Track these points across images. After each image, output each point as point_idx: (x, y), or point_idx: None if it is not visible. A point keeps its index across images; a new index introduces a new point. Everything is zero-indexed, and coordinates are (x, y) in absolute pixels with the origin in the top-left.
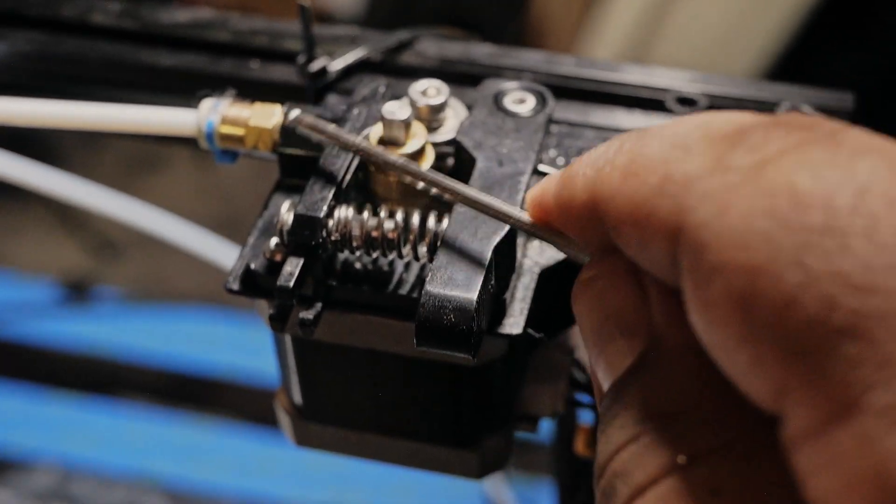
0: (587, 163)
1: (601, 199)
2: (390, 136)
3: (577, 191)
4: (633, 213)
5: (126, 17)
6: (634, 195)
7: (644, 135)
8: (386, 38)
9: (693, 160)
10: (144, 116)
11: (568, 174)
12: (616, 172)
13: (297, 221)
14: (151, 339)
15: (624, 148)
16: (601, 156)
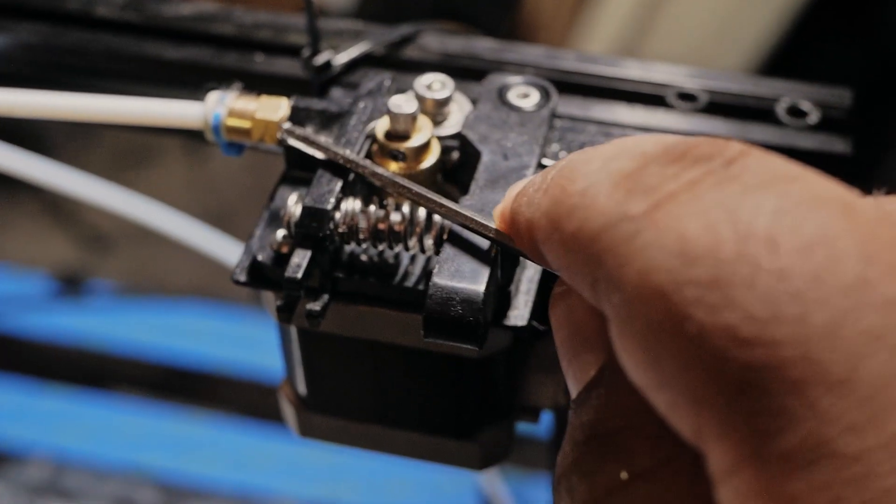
0: (525, 201)
1: (540, 235)
2: (396, 129)
3: (522, 228)
4: (564, 257)
5: (130, 10)
6: (561, 240)
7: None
8: (389, 32)
9: (600, 208)
10: (152, 108)
11: (514, 208)
12: (547, 212)
13: (304, 213)
14: (144, 333)
15: (547, 189)
16: (533, 194)
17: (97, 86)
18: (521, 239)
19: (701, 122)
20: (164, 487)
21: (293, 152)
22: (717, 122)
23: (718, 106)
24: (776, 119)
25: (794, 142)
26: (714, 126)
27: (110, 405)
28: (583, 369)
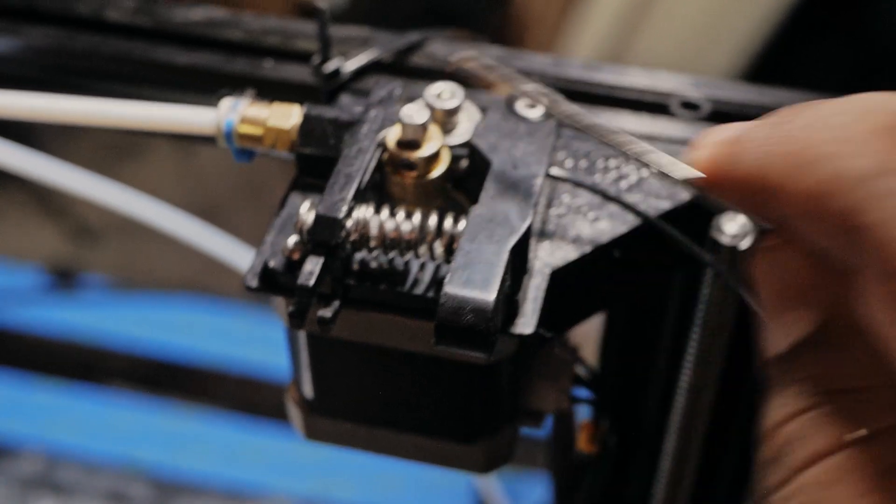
0: (755, 144)
1: (770, 185)
2: (408, 138)
3: (748, 171)
4: (805, 206)
5: (140, 14)
6: (806, 189)
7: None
8: (397, 39)
9: (862, 159)
10: (165, 114)
11: (736, 152)
12: (785, 162)
13: (317, 221)
14: (136, 327)
15: (790, 133)
16: (769, 139)
17: (108, 89)
18: (735, 188)
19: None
20: (156, 482)
21: (305, 159)
22: None
23: (721, 115)
24: None
25: None
26: None
27: (102, 399)
28: (795, 325)
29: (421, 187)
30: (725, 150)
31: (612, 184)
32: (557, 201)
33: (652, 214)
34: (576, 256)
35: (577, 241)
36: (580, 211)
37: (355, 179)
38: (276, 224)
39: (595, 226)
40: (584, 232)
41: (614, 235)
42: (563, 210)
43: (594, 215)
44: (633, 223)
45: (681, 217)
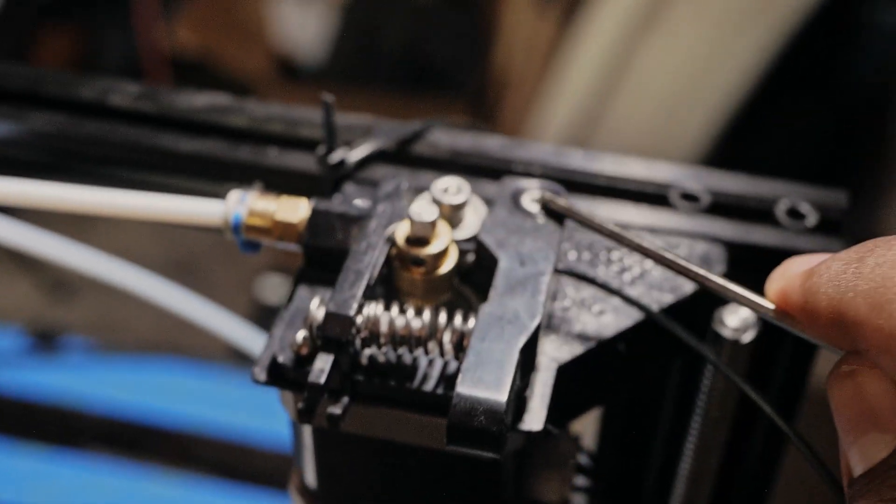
0: (828, 280)
1: (848, 324)
2: (417, 235)
3: (821, 306)
4: (883, 344)
5: (144, 100)
6: (884, 328)
7: (880, 259)
8: (399, 128)
9: None
10: (173, 206)
11: (809, 287)
12: (862, 301)
13: (328, 318)
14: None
15: (864, 273)
16: (842, 277)
17: (112, 176)
18: (815, 318)
19: (703, 222)
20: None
21: (313, 252)
22: (719, 223)
23: (720, 206)
24: (776, 220)
25: (794, 244)
26: (716, 227)
27: (82, 464)
28: (875, 447)
29: (429, 282)
30: (798, 283)
31: (615, 276)
32: (562, 294)
33: (655, 308)
34: (581, 352)
35: (583, 335)
36: (585, 304)
37: (365, 276)
38: (285, 317)
39: (600, 319)
40: (589, 326)
41: (618, 330)
42: (568, 303)
43: (599, 308)
44: (637, 317)
45: (684, 309)
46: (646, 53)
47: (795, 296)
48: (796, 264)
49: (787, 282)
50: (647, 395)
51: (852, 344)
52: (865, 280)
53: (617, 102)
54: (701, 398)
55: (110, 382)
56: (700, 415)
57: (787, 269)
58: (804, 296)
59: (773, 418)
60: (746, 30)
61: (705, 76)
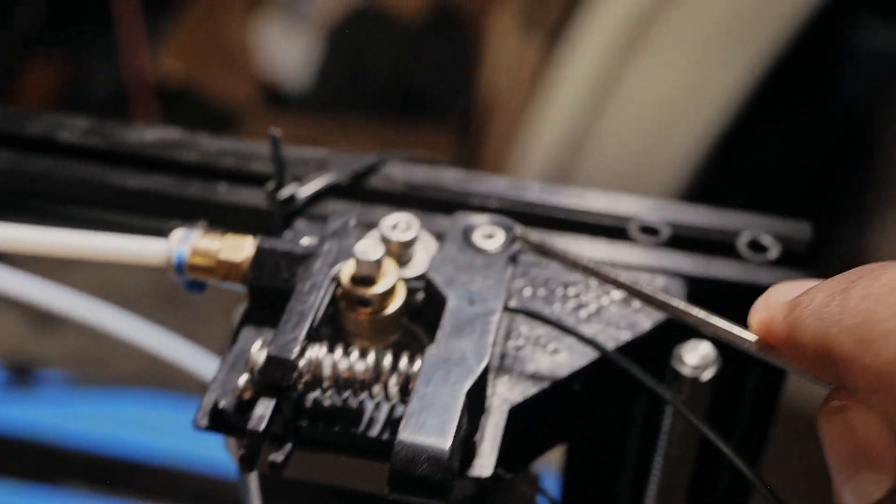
0: (812, 313)
1: (835, 360)
2: (362, 274)
3: (806, 341)
4: (872, 383)
5: (93, 135)
6: (872, 367)
7: (866, 292)
8: (353, 162)
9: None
10: (114, 245)
11: (793, 320)
12: (847, 337)
13: (268, 362)
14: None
15: (849, 306)
16: (826, 310)
17: (60, 213)
18: (800, 353)
19: (663, 256)
20: None
21: (258, 292)
22: (679, 256)
23: (680, 239)
24: (737, 253)
25: (755, 277)
26: (676, 261)
27: (61, 500)
28: (868, 487)
29: (376, 323)
30: (781, 314)
31: (571, 312)
32: (516, 333)
33: (612, 346)
34: (535, 392)
35: (536, 375)
36: (539, 342)
37: (308, 317)
38: (228, 360)
39: (554, 358)
40: (543, 365)
41: (574, 369)
42: (522, 342)
43: (553, 347)
44: (593, 356)
45: (642, 345)
46: (631, 77)
47: (779, 328)
48: (780, 293)
49: (770, 313)
50: (610, 434)
51: (840, 380)
52: (850, 314)
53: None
54: (662, 438)
55: (90, 416)
56: (662, 455)
57: (770, 299)
58: (788, 329)
59: (734, 462)
60: (732, 53)
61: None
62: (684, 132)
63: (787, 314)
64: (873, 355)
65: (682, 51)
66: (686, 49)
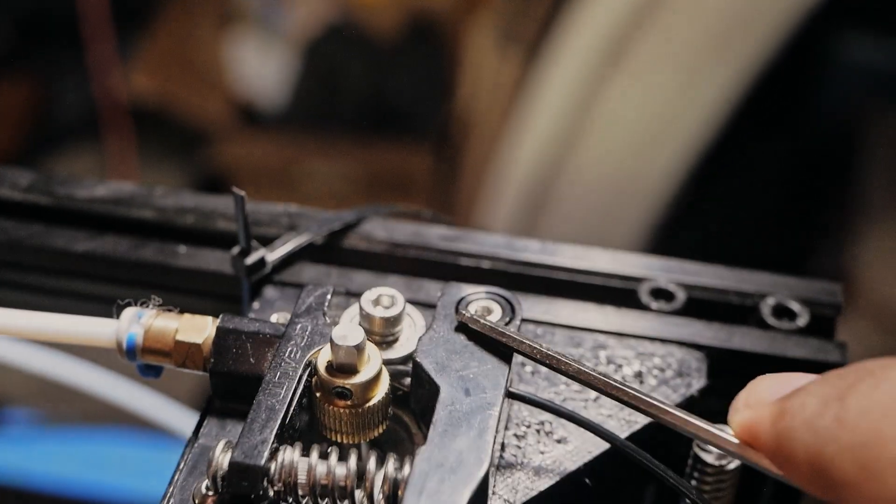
0: (804, 425)
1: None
2: (341, 362)
3: (799, 455)
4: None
5: (36, 192)
6: (879, 498)
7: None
8: (329, 219)
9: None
10: (57, 327)
11: (782, 431)
12: (848, 461)
13: (233, 470)
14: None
15: (848, 421)
16: (820, 423)
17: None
18: (792, 466)
19: (679, 325)
20: None
21: (222, 379)
22: (698, 325)
23: (697, 304)
24: (762, 321)
25: (784, 349)
26: (694, 330)
27: None
28: None
29: (357, 417)
30: (768, 420)
31: (578, 392)
32: (516, 418)
33: (625, 432)
34: (540, 490)
35: (542, 470)
36: (543, 430)
37: (279, 414)
38: (187, 460)
39: (562, 448)
40: (549, 457)
41: (585, 461)
42: (524, 430)
43: (560, 434)
44: (606, 445)
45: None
46: (612, 93)
47: (766, 437)
48: (763, 390)
49: (754, 416)
50: None
51: (840, 501)
52: (849, 431)
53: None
54: None
55: (56, 456)
56: None
57: (752, 397)
58: (776, 439)
59: None
60: (713, 68)
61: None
62: (666, 148)
63: (775, 421)
64: (880, 485)
65: (664, 66)
66: (668, 64)
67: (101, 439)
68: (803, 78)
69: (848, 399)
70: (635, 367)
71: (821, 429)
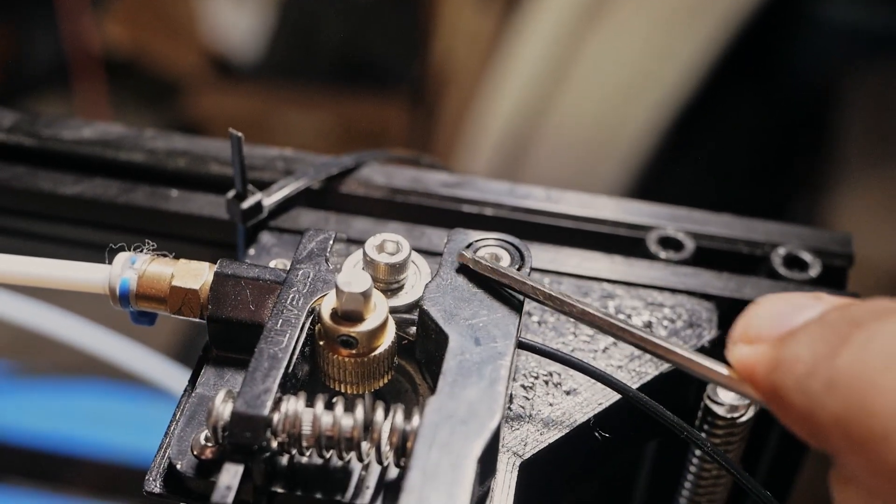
0: (796, 384)
1: (826, 444)
2: (346, 309)
3: (793, 410)
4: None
5: (20, 132)
6: (868, 467)
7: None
8: (326, 164)
9: None
10: (46, 271)
11: (776, 382)
12: (836, 429)
13: (235, 421)
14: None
15: (838, 385)
16: (811, 383)
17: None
18: (788, 414)
19: (688, 274)
20: None
21: (220, 326)
22: (707, 275)
23: (706, 254)
24: (773, 271)
25: None
26: (704, 280)
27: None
28: None
29: (362, 366)
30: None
31: (587, 342)
32: (524, 369)
33: (636, 382)
34: (550, 442)
35: (551, 421)
36: (552, 380)
37: (282, 362)
38: (185, 410)
39: (571, 400)
40: (559, 409)
41: (594, 412)
42: (532, 380)
43: (569, 386)
44: (615, 396)
45: (667, 382)
46: (590, 47)
47: (762, 383)
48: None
49: (751, 356)
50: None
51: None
52: (837, 399)
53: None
54: (687, 485)
55: (29, 409)
56: (686, 501)
57: (752, 329)
58: (772, 390)
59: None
60: (692, 23)
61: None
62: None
63: (770, 371)
64: (865, 458)
65: (643, 20)
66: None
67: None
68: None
69: (838, 359)
70: (645, 317)
71: (812, 392)
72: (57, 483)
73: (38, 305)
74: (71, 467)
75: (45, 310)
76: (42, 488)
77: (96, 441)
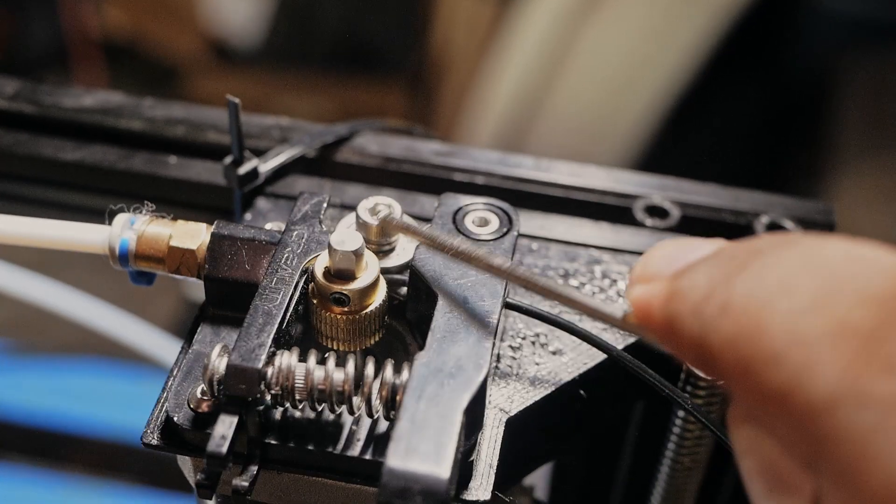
0: (691, 311)
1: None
2: (339, 268)
3: (685, 340)
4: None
5: (22, 99)
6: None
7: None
8: (321, 132)
9: (823, 375)
10: (47, 232)
11: (671, 312)
12: (728, 352)
13: (230, 373)
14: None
15: (731, 308)
16: (705, 308)
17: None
18: (680, 350)
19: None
20: None
21: (216, 285)
22: None
23: (691, 222)
24: None
25: None
26: None
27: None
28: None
29: (354, 323)
30: (660, 297)
31: None
32: (511, 330)
33: (621, 344)
34: (535, 400)
35: (537, 380)
36: (538, 341)
37: (276, 318)
38: (182, 365)
39: (557, 360)
40: (545, 368)
41: (579, 372)
42: (519, 341)
43: (555, 346)
44: (601, 356)
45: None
46: (589, 35)
47: (658, 318)
48: (660, 259)
49: (648, 293)
50: (604, 439)
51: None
52: (731, 321)
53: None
54: (670, 446)
55: (29, 387)
56: (670, 462)
57: (650, 268)
58: (666, 321)
59: None
60: (691, 9)
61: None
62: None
63: (666, 302)
64: (756, 381)
65: (641, 6)
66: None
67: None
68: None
69: (734, 282)
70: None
71: (706, 316)
72: (56, 460)
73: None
74: (70, 445)
75: (45, 284)
76: (41, 465)
77: (95, 419)
